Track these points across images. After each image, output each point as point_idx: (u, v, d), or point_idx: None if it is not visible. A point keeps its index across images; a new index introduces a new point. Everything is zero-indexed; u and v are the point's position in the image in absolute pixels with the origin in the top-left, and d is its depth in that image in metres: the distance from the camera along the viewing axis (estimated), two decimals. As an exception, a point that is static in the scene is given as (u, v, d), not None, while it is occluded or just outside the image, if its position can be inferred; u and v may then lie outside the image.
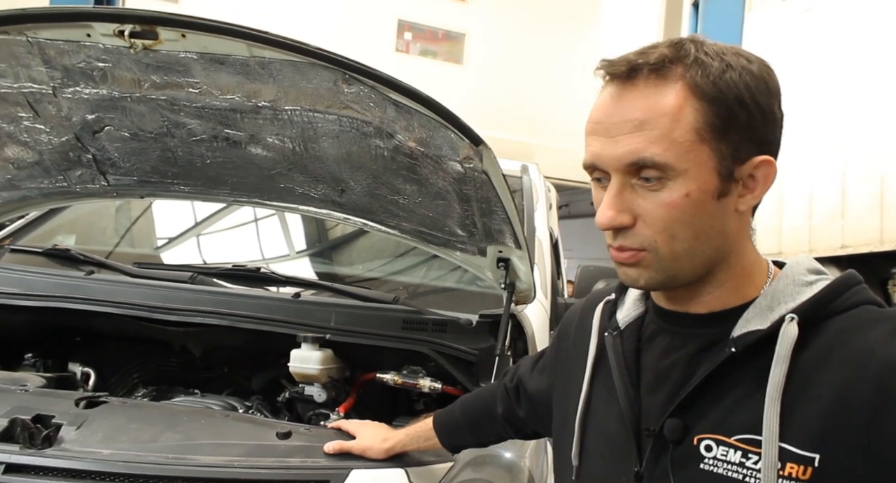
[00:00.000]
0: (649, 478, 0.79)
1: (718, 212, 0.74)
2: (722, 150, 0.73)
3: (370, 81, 1.28)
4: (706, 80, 0.72)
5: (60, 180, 1.72)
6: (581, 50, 10.47)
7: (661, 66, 0.73)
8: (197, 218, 2.49)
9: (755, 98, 0.73)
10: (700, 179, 0.72)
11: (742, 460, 0.72)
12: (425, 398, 1.72)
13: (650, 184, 0.73)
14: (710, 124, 0.72)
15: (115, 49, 1.33)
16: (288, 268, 2.32)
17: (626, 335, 0.87)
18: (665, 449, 0.78)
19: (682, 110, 0.71)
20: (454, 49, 10.56)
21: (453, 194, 1.49)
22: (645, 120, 0.72)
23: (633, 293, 0.90)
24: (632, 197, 0.75)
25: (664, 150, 0.71)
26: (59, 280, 1.78)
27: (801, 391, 0.71)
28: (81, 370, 1.82)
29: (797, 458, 0.69)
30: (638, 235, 0.75)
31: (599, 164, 0.76)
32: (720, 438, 0.74)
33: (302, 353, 1.52)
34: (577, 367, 0.93)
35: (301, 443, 1.21)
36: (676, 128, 0.71)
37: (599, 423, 0.87)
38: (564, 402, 0.95)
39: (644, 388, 0.82)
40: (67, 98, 1.49)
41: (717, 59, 0.73)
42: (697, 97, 0.71)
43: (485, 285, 1.83)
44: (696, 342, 0.79)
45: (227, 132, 1.51)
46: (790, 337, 0.72)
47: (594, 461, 0.87)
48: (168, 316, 1.60)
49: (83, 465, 1.10)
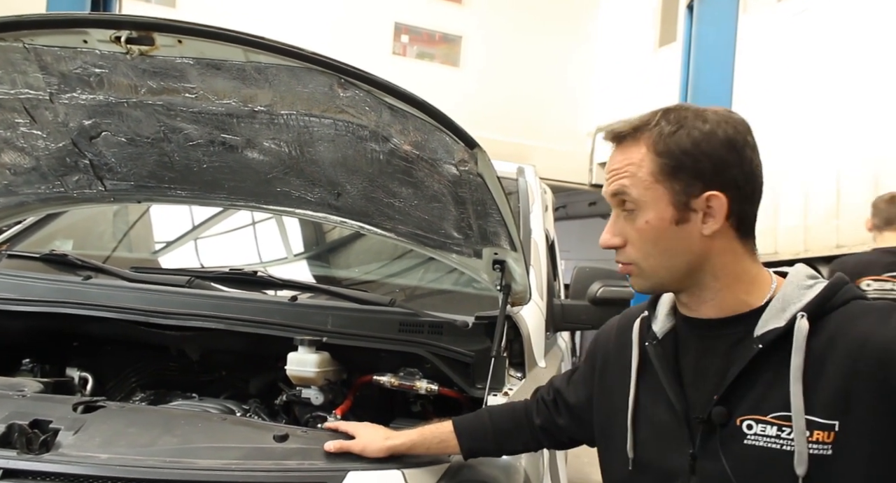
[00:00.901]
0: (702, 456, 0.97)
1: (681, 235, 0.99)
2: (674, 188, 0.98)
3: (365, 86, 1.29)
4: (659, 139, 0.99)
5: (58, 186, 1.72)
6: (578, 52, 10.50)
7: (632, 133, 1.02)
8: (195, 222, 2.50)
9: (700, 148, 0.97)
10: (657, 210, 0.99)
11: (778, 433, 0.91)
12: (422, 400, 1.72)
13: (629, 214, 1.01)
14: (661, 170, 0.98)
15: (112, 55, 1.33)
16: (285, 271, 2.33)
17: (665, 343, 1.07)
18: (714, 432, 0.96)
19: (643, 160, 1.00)
20: (451, 51, 10.58)
21: (449, 197, 1.50)
22: (622, 168, 1.02)
23: (663, 308, 1.11)
24: (622, 224, 1.02)
25: (630, 185, 1.00)
26: (57, 285, 1.78)
27: (817, 372, 0.90)
28: (79, 375, 1.82)
29: (821, 426, 0.88)
30: (626, 253, 1.02)
31: (606, 199, 1.04)
32: (758, 418, 0.93)
33: (299, 356, 1.52)
34: (621, 375, 1.11)
35: (298, 445, 1.21)
36: (639, 172, 1.00)
37: (650, 418, 1.05)
38: (610, 406, 1.12)
39: (687, 384, 1.02)
40: (64, 104, 1.49)
41: (675, 124, 0.99)
42: (652, 152, 0.99)
43: (481, 287, 1.83)
44: (723, 342, 0.99)
45: (223, 137, 1.52)
46: (803, 330, 0.91)
47: (649, 451, 1.05)
48: (165, 320, 1.60)
49: (81, 469, 1.11)
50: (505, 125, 9.80)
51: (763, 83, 5.62)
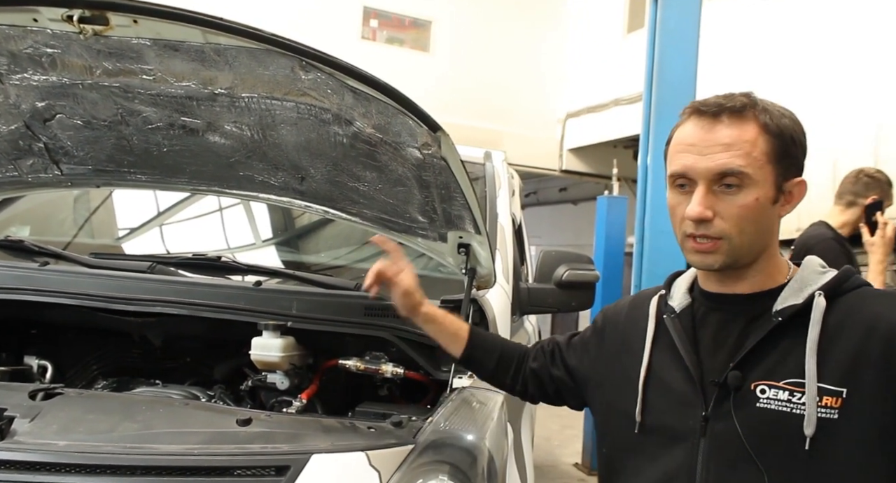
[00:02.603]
0: (715, 418, 1.03)
1: (771, 214, 1.04)
2: (779, 170, 1.03)
3: (327, 68, 1.27)
4: (772, 122, 1.03)
5: (11, 170, 1.68)
6: (548, 37, 10.51)
7: (741, 109, 1.02)
8: (160, 207, 2.45)
9: (799, 138, 1.05)
10: (765, 188, 1.02)
11: (789, 398, 0.98)
12: (389, 384, 1.73)
13: (730, 190, 1.01)
14: (775, 151, 1.02)
15: (65, 34, 1.29)
16: (253, 257, 2.30)
17: (682, 316, 1.13)
18: (727, 395, 1.03)
19: (757, 139, 1.01)
20: (421, 36, 10.50)
21: (413, 181, 1.50)
22: (732, 143, 1.01)
23: (680, 288, 1.17)
24: (714, 199, 1.02)
25: (746, 164, 1.00)
26: (12, 271, 1.73)
27: (830, 345, 0.98)
28: (38, 363, 1.79)
29: (830, 392, 0.96)
30: (716, 227, 1.02)
31: (690, 173, 1.03)
32: (771, 383, 1.00)
33: (263, 340, 1.51)
34: (631, 346, 1.17)
35: (261, 429, 1.21)
36: (754, 150, 1.01)
37: (663, 384, 1.11)
38: (620, 375, 1.17)
39: (704, 352, 1.08)
40: (15, 85, 1.45)
41: (776, 110, 1.04)
42: (766, 133, 1.02)
43: (448, 271, 1.84)
44: (744, 316, 1.06)
45: (183, 120, 1.49)
46: (821, 307, 1.01)
47: (660, 414, 1.10)
48: (126, 306, 1.58)
49: (37, 456, 1.09)
50: (476, 111, 9.79)
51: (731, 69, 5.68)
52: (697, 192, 1.03)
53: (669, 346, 1.12)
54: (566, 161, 10.49)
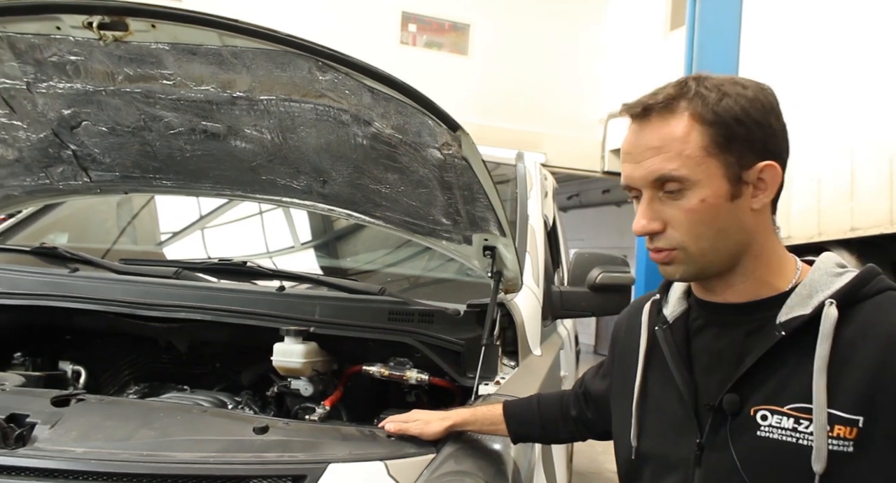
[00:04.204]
0: (710, 447, 0.92)
1: (734, 211, 0.90)
2: (728, 161, 0.89)
3: (343, 68, 1.25)
4: (706, 108, 0.89)
5: (42, 177, 1.70)
6: (587, 37, 10.38)
7: (668, 103, 0.90)
8: (202, 212, 2.47)
9: (751, 116, 0.89)
10: (713, 186, 0.89)
11: (795, 426, 0.85)
12: (416, 390, 1.69)
13: (673, 194, 0.90)
14: (714, 142, 0.88)
15: (86, 41, 1.30)
16: (291, 261, 2.30)
17: (675, 327, 1.01)
18: (724, 421, 0.91)
19: (689, 134, 0.89)
20: (459, 40, 10.50)
21: (435, 182, 1.46)
22: (661, 145, 0.90)
23: (675, 293, 1.04)
24: (660, 207, 0.92)
25: (679, 166, 0.89)
26: (43, 278, 1.76)
27: (844, 364, 0.83)
28: (72, 368, 1.81)
29: (844, 421, 0.82)
30: (668, 238, 0.92)
31: (631, 184, 0.94)
32: (774, 408, 0.87)
33: (285, 346, 1.49)
34: (630, 361, 1.07)
35: (278, 437, 1.18)
36: (686, 148, 0.89)
37: (657, 406, 1.00)
38: (621, 393, 1.08)
39: (698, 371, 0.96)
40: (42, 93, 1.47)
41: (715, 90, 0.90)
42: (700, 123, 0.89)
43: (477, 275, 1.79)
44: (744, 328, 0.92)
45: (204, 124, 1.49)
46: (832, 318, 0.85)
47: (654, 439, 1.00)
48: (151, 312, 1.58)
49: (56, 463, 1.08)
50: (515, 113, 9.73)
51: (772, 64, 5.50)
52: (641, 203, 0.93)
53: (663, 361, 1.00)
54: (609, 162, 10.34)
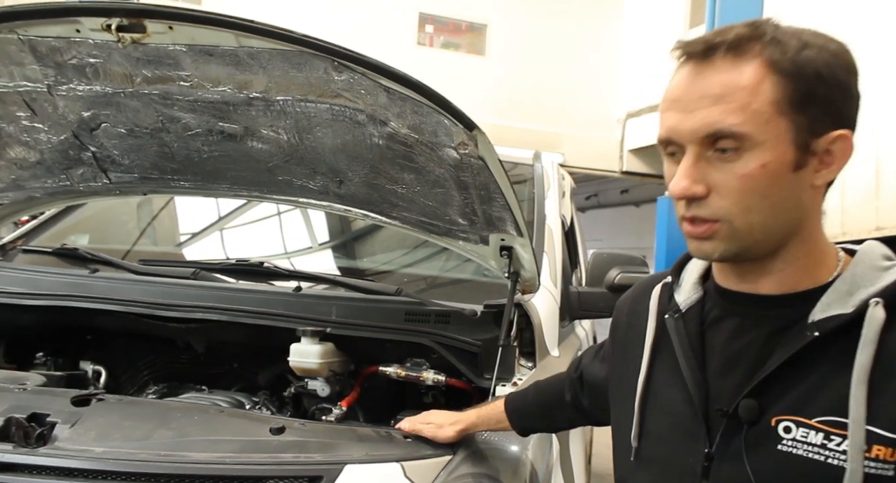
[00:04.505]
0: (721, 458, 0.79)
1: (795, 184, 0.76)
2: (799, 123, 0.75)
3: (359, 67, 1.25)
4: (784, 56, 0.74)
5: (63, 179, 1.72)
6: (605, 35, 10.31)
7: (738, 44, 0.75)
8: (220, 212, 2.49)
9: (834, 74, 0.76)
10: (777, 151, 0.74)
11: (824, 442, 0.73)
12: (433, 391, 1.69)
13: (726, 155, 0.75)
14: (789, 98, 0.74)
15: (105, 44, 1.32)
16: (305, 262, 2.31)
17: (689, 317, 0.87)
18: (738, 429, 0.78)
19: (760, 84, 0.74)
20: (476, 40, 10.49)
21: (451, 182, 1.45)
22: (723, 94, 0.74)
23: (690, 277, 0.91)
24: (707, 169, 0.76)
25: (742, 121, 0.73)
26: (64, 279, 1.78)
27: (887, 375, 0.71)
28: (93, 368, 1.83)
29: (884, 441, 0.70)
30: (711, 206, 0.76)
31: (675, 137, 0.78)
32: (800, 420, 0.74)
33: (301, 347, 1.49)
34: (633, 350, 0.93)
35: (294, 438, 1.18)
36: (755, 100, 0.74)
37: (662, 405, 0.88)
38: (622, 385, 0.95)
39: (713, 370, 0.83)
40: (62, 96, 1.48)
41: (795, 38, 0.76)
42: (775, 72, 0.74)
43: (494, 276, 1.78)
44: (770, 324, 0.79)
45: (221, 125, 1.50)
46: (877, 320, 0.73)
47: (656, 442, 0.88)
48: (168, 312, 1.59)
49: (75, 463, 1.09)
50: (533, 113, 9.70)
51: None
52: (683, 161, 0.77)
53: (672, 354, 0.86)
54: (627, 162, 10.26)
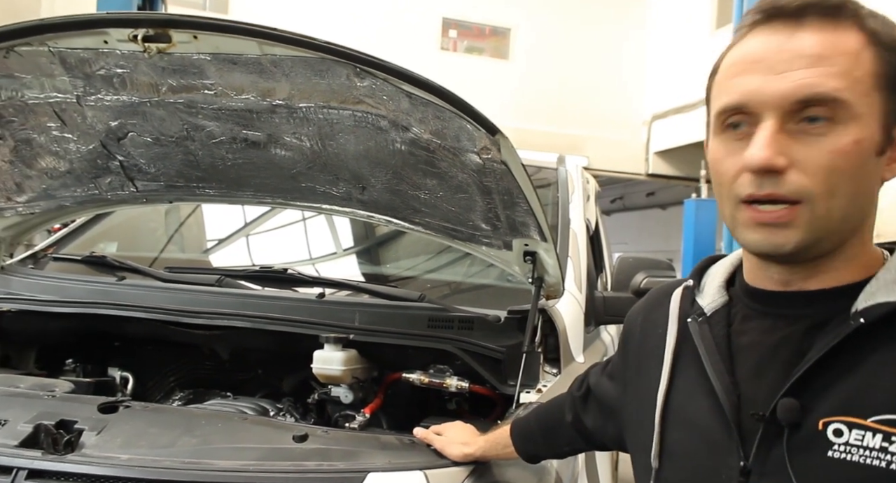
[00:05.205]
0: (760, 472, 0.70)
1: (874, 171, 0.69)
2: (891, 105, 0.68)
3: (381, 73, 1.25)
4: (886, 28, 0.69)
5: (91, 188, 1.75)
6: (630, 38, 10.25)
7: (836, 9, 0.68)
8: (246, 219, 2.51)
9: None
10: (870, 128, 0.67)
11: (884, 445, 0.64)
12: (457, 397, 1.67)
13: (815, 126, 0.66)
14: (887, 74, 0.67)
15: (132, 54, 1.34)
16: (330, 268, 2.31)
17: (714, 321, 0.79)
18: (779, 435, 0.69)
19: (862, 52, 0.67)
20: (500, 44, 10.49)
21: (474, 187, 1.45)
22: (824, 55, 0.66)
23: (714, 281, 0.84)
24: (787, 142, 0.67)
25: (845, 87, 0.65)
26: (92, 286, 1.81)
27: None
28: (120, 375, 1.85)
29: None
30: (792, 184, 0.67)
31: (754, 102, 0.68)
32: (853, 421, 0.65)
33: (324, 353, 1.49)
34: (650, 361, 0.85)
35: (317, 446, 1.18)
36: (857, 68, 0.66)
37: (686, 418, 0.78)
38: (638, 400, 0.87)
39: (744, 374, 0.74)
40: (91, 106, 1.51)
41: (886, 17, 0.70)
42: (876, 44, 0.68)
43: (517, 281, 1.77)
44: (808, 319, 0.71)
45: (245, 133, 1.51)
46: None
47: (679, 460, 0.78)
48: (193, 319, 1.60)
49: (101, 470, 1.10)
50: (557, 116, 9.67)
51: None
52: (762, 129, 0.67)
53: (695, 361, 0.78)
54: (653, 164, 10.17)
